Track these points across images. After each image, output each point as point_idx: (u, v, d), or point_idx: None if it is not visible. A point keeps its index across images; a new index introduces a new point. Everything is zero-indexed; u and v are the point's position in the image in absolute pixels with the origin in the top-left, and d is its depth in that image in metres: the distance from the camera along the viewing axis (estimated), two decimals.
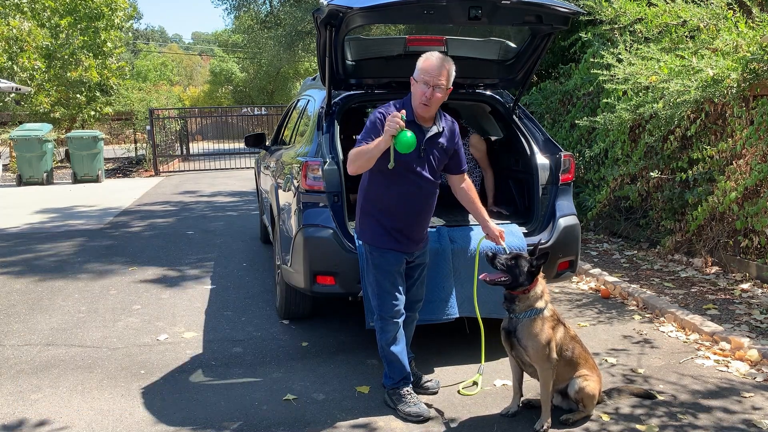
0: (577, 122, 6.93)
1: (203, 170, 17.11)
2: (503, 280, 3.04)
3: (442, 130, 3.21)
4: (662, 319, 4.58)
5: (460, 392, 3.45)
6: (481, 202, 3.45)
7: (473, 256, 3.60)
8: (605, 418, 3.14)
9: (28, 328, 4.61)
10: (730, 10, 5.52)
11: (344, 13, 3.44)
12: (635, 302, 4.95)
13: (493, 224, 3.37)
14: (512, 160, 4.71)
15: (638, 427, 3.05)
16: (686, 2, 5.71)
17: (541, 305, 3.05)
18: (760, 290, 4.97)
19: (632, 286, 5.19)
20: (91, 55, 18.82)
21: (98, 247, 7.42)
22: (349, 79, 4.40)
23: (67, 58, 18.11)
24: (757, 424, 3.07)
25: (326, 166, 3.87)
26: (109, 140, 23.49)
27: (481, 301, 3.61)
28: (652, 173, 5.85)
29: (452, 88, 3.14)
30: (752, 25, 5.18)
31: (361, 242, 3.32)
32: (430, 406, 3.26)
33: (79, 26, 18.64)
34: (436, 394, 3.43)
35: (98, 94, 19.46)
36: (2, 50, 16.94)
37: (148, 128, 16.83)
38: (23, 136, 14.05)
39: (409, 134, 2.87)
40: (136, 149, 20.35)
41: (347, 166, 3.10)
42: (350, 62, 4.31)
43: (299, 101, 5.83)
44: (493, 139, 5.25)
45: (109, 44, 19.34)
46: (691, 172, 5.45)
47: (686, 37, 5.86)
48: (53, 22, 18.39)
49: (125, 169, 17.34)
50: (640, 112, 5.73)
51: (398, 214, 3.18)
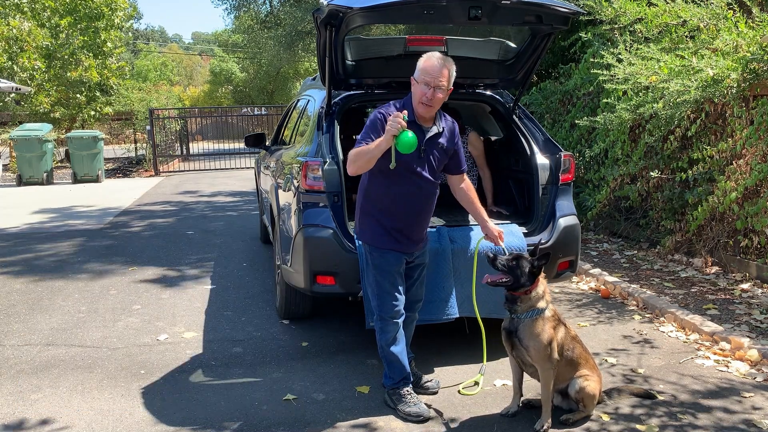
0: (577, 122, 6.93)
1: (203, 170, 17.11)
2: (504, 281, 3.04)
3: (442, 130, 3.21)
4: (662, 319, 4.58)
5: (460, 392, 3.45)
6: (479, 201, 3.45)
7: (473, 256, 3.60)
8: (605, 418, 3.14)
9: (28, 328, 4.61)
10: (730, 10, 5.52)
11: (344, 13, 3.45)
12: (635, 302, 4.95)
13: (492, 224, 3.37)
14: (512, 160, 4.71)
15: (638, 427, 3.05)
16: (686, 2, 5.71)
17: (542, 305, 3.05)
18: (760, 290, 4.97)
19: (632, 286, 5.19)
20: (91, 55, 18.83)
21: (98, 247, 7.42)
22: (349, 79, 4.40)
23: (67, 58, 18.11)
24: (757, 424, 3.07)
25: (326, 166, 3.87)
26: (109, 140, 23.50)
27: (480, 301, 3.61)
28: (652, 173, 5.85)
29: (452, 88, 3.14)
30: (752, 25, 5.18)
31: (360, 242, 3.33)
32: (429, 406, 3.26)
33: (79, 26, 18.65)
34: (436, 394, 3.43)
35: (98, 94, 19.46)
36: (2, 50, 16.95)
37: (148, 128, 16.83)
38: (23, 136, 14.05)
39: (410, 134, 2.87)
40: (136, 149, 20.35)
41: (347, 166, 3.10)
42: (350, 62, 4.31)
43: (299, 101, 5.83)
44: (493, 139, 5.26)
45: (109, 44, 19.35)
46: (691, 172, 5.45)
47: (686, 37, 5.86)
48: (53, 22, 18.40)
49: (125, 169, 17.34)
50: (640, 112, 5.73)
51: (398, 214, 3.18)
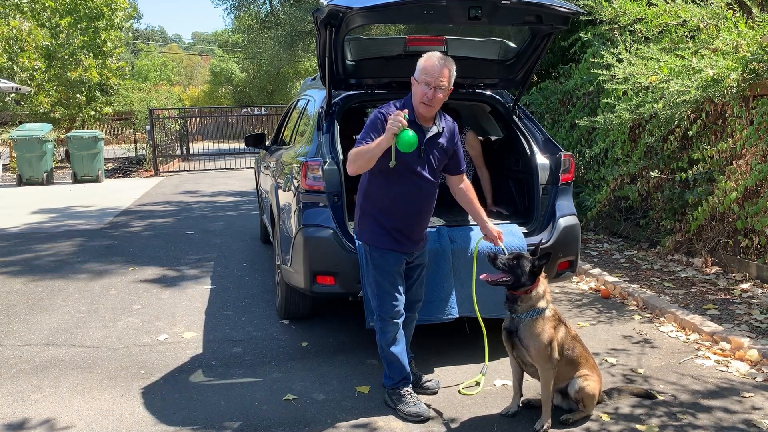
0: (577, 122, 6.93)
1: (203, 170, 17.11)
2: (505, 280, 3.04)
3: (442, 130, 3.21)
4: (662, 319, 4.58)
5: (460, 392, 3.45)
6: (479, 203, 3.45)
7: (472, 256, 3.60)
8: (605, 418, 3.14)
9: (28, 328, 4.61)
10: (730, 10, 5.52)
11: (344, 13, 3.44)
12: (635, 302, 4.95)
13: (491, 225, 3.37)
14: (512, 160, 4.71)
15: (638, 427, 3.05)
16: (686, 2, 5.71)
17: (542, 305, 3.05)
18: (760, 290, 4.97)
19: (632, 286, 5.19)
20: (91, 55, 18.83)
21: (98, 247, 7.42)
22: (349, 79, 4.40)
23: (67, 58, 18.11)
24: (757, 424, 3.07)
25: (326, 166, 3.87)
26: (109, 140, 23.50)
27: (480, 301, 3.61)
28: (652, 173, 5.85)
29: (452, 88, 3.14)
30: (752, 25, 5.18)
31: (360, 242, 3.32)
32: (429, 406, 3.26)
33: (79, 26, 18.65)
34: (436, 394, 3.43)
35: (98, 94, 19.46)
36: (2, 50, 16.95)
37: (148, 128, 16.83)
38: (23, 136, 14.05)
39: (411, 133, 2.88)
40: (136, 149, 20.35)
41: (347, 166, 3.09)
42: (350, 62, 4.31)
43: (299, 101, 5.83)
44: (493, 139, 5.26)
45: (109, 44, 19.35)
46: (691, 172, 5.45)
47: (686, 37, 5.86)
48: (53, 22, 18.40)
49: (125, 169, 17.34)
50: (640, 112, 5.73)
51: (398, 214, 3.18)
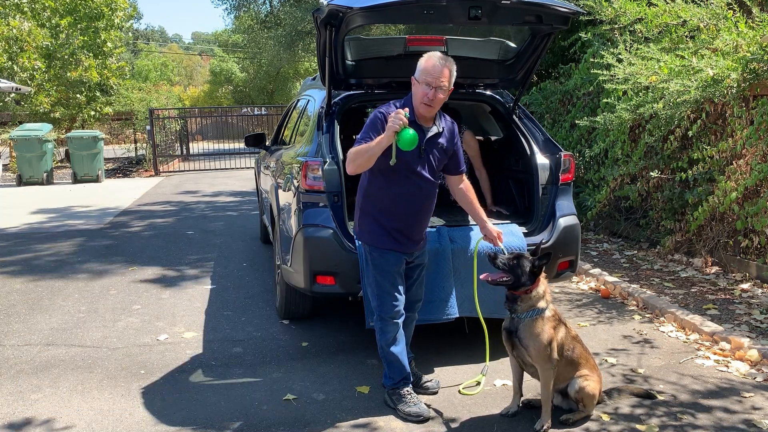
0: (577, 122, 6.93)
1: (203, 170, 17.10)
2: (505, 280, 3.04)
3: (441, 130, 3.21)
4: (662, 319, 4.58)
5: (460, 392, 3.45)
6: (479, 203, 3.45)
7: (472, 256, 3.60)
8: (605, 418, 3.14)
9: (28, 328, 4.61)
10: (730, 10, 5.52)
11: (344, 13, 3.45)
12: (635, 302, 4.95)
13: (491, 225, 3.37)
14: (512, 160, 4.71)
15: (638, 427, 3.05)
16: (686, 2, 5.71)
17: (542, 305, 3.05)
18: (760, 290, 4.97)
19: (632, 286, 5.19)
20: (91, 55, 18.82)
21: (98, 247, 7.42)
22: (349, 79, 4.40)
23: (67, 58, 18.11)
24: (757, 424, 3.07)
25: (326, 166, 3.87)
26: (109, 140, 23.49)
27: (481, 301, 3.60)
28: (652, 173, 5.85)
29: (452, 88, 3.14)
30: (752, 25, 5.18)
31: (360, 242, 3.32)
32: (429, 406, 3.26)
33: (79, 26, 18.64)
34: (436, 394, 3.43)
35: (98, 94, 19.45)
36: (2, 50, 16.94)
37: (148, 128, 16.83)
38: (23, 136, 14.05)
39: (411, 131, 2.89)
40: (136, 149, 20.34)
41: (346, 165, 3.09)
42: (350, 62, 4.31)
43: (299, 101, 5.83)
44: (493, 139, 5.26)
45: (109, 44, 19.35)
46: (691, 172, 5.45)
47: (686, 37, 5.86)
48: (53, 22, 18.39)
49: (125, 169, 17.34)
50: (640, 112, 5.73)
51: (398, 214, 3.18)
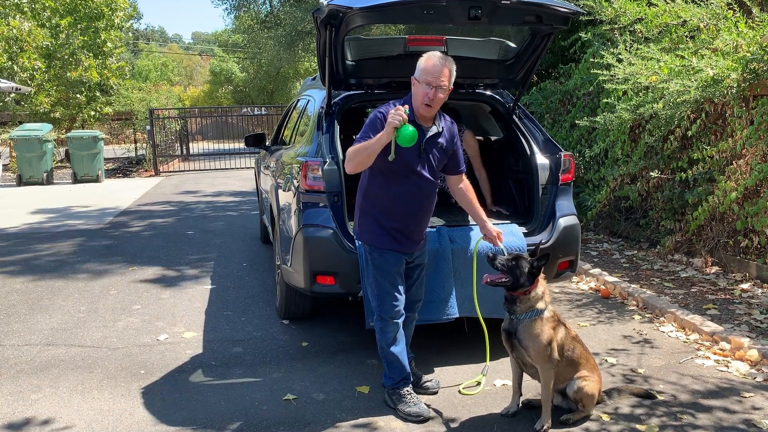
0: (577, 122, 6.93)
1: (203, 170, 17.10)
2: (504, 281, 3.04)
3: (441, 130, 3.21)
4: (662, 319, 4.58)
5: (460, 392, 3.45)
6: (479, 203, 3.45)
7: (472, 256, 3.60)
8: (605, 418, 3.14)
9: (28, 328, 4.61)
10: (730, 10, 5.52)
11: (344, 13, 3.45)
12: (635, 302, 4.95)
13: (490, 225, 3.37)
14: (512, 160, 4.71)
15: (638, 427, 3.05)
16: (686, 2, 5.71)
17: (541, 306, 3.05)
18: (760, 290, 4.97)
19: (632, 286, 5.19)
20: (91, 55, 18.82)
21: (98, 247, 7.42)
22: (349, 79, 4.40)
23: (67, 58, 18.10)
24: (757, 424, 3.07)
25: (326, 166, 3.87)
26: (109, 140, 23.49)
27: (480, 301, 3.60)
28: (652, 173, 5.85)
29: (452, 87, 3.15)
30: (752, 25, 5.18)
31: (360, 242, 3.33)
32: (429, 406, 3.26)
33: (79, 26, 18.64)
34: (436, 394, 3.43)
35: (98, 94, 19.45)
36: (2, 50, 16.94)
37: (148, 128, 16.83)
38: (23, 136, 14.05)
39: (410, 128, 2.89)
40: (136, 149, 20.34)
41: (345, 164, 3.09)
42: (350, 62, 4.31)
43: (299, 101, 5.83)
44: (493, 139, 5.26)
45: (109, 44, 19.35)
46: (691, 172, 5.45)
47: (686, 37, 5.86)
48: (53, 22, 18.39)
49: (125, 169, 17.34)
50: (640, 112, 5.73)
51: (398, 214, 3.18)
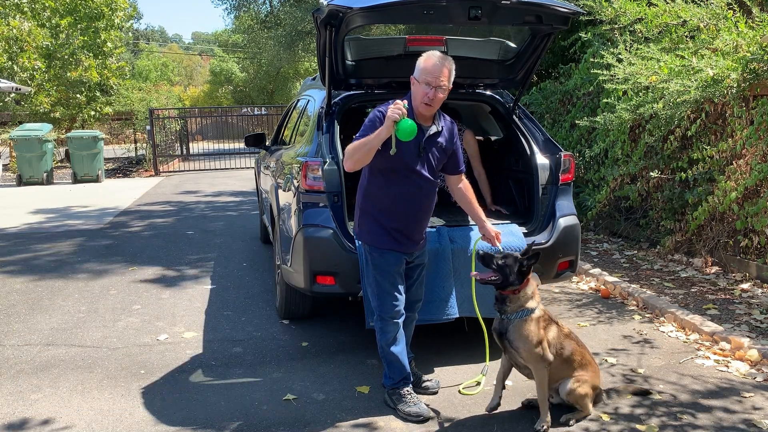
0: (577, 122, 6.93)
1: (203, 170, 17.10)
2: (494, 279, 3.05)
3: (441, 129, 3.21)
4: (662, 319, 4.58)
5: (460, 392, 3.45)
6: (479, 203, 3.45)
7: (472, 256, 3.60)
8: (605, 418, 3.14)
9: (28, 328, 4.61)
10: (730, 10, 5.52)
11: (344, 13, 3.45)
12: (635, 302, 4.95)
13: (489, 225, 3.37)
14: (512, 160, 4.71)
15: (638, 427, 3.05)
16: (686, 2, 5.71)
17: (531, 305, 3.05)
18: (760, 290, 4.97)
19: (632, 286, 5.19)
20: (91, 55, 18.82)
21: (98, 247, 7.42)
22: (349, 79, 4.40)
23: (67, 58, 18.10)
24: (757, 424, 3.07)
25: (326, 166, 3.87)
26: (109, 140, 23.49)
27: (480, 301, 3.60)
28: (652, 173, 5.85)
29: (451, 87, 3.15)
30: (752, 25, 5.18)
31: (360, 242, 3.33)
32: (429, 406, 3.26)
33: (79, 26, 18.63)
34: (436, 394, 3.43)
35: (98, 94, 19.44)
36: (2, 50, 16.93)
37: (148, 128, 16.82)
38: (23, 136, 14.04)
39: (410, 121, 2.90)
40: (136, 149, 20.34)
41: (344, 161, 3.09)
42: (350, 62, 4.31)
43: (299, 101, 5.83)
44: (493, 139, 5.26)
45: (109, 44, 19.34)
46: (691, 172, 5.45)
47: (686, 37, 5.86)
48: (53, 22, 18.38)
49: (125, 169, 17.34)
50: (640, 112, 5.73)
51: (398, 213, 3.18)
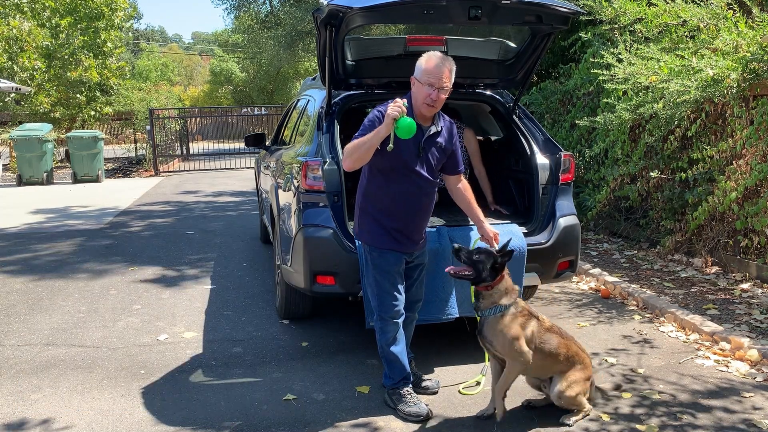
0: (577, 122, 6.93)
1: (203, 170, 17.10)
2: (467, 274, 3.06)
3: (440, 129, 3.21)
4: (662, 319, 4.58)
5: (460, 392, 3.45)
6: (479, 201, 3.46)
7: None
8: (605, 418, 3.14)
9: (28, 328, 4.61)
10: (730, 10, 5.52)
11: (344, 13, 3.45)
12: (635, 302, 4.95)
13: (487, 225, 3.37)
14: (512, 160, 4.70)
15: (638, 427, 3.05)
16: (686, 2, 5.71)
17: (505, 302, 3.06)
18: (760, 290, 4.97)
19: (632, 286, 5.19)
20: (91, 55, 18.82)
21: (98, 247, 7.42)
22: (349, 79, 4.40)
23: (67, 58, 18.10)
24: (757, 424, 3.07)
25: (326, 166, 3.87)
26: (109, 140, 23.49)
27: None
28: (652, 173, 5.85)
29: (452, 87, 3.15)
30: (752, 25, 5.18)
31: (360, 242, 3.33)
32: (428, 406, 3.26)
33: (79, 26, 18.64)
34: (436, 394, 3.43)
35: (98, 94, 19.44)
36: (2, 50, 16.93)
37: (148, 128, 16.82)
38: (23, 136, 14.04)
39: (409, 119, 2.90)
40: (136, 149, 20.34)
41: (343, 160, 3.10)
42: (350, 62, 4.31)
43: (299, 101, 5.83)
44: (493, 139, 5.26)
45: (109, 44, 19.34)
46: (691, 172, 5.45)
47: (686, 37, 5.86)
48: (53, 22, 18.38)
49: (125, 169, 17.34)
50: (640, 112, 5.73)
51: (398, 213, 3.18)
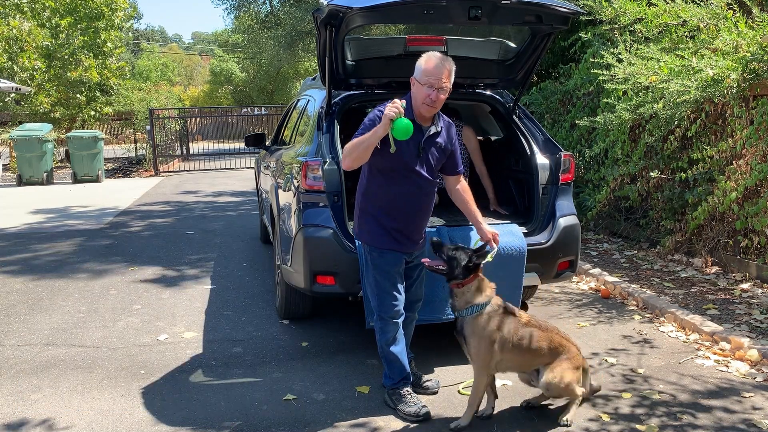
0: (577, 122, 6.93)
1: (203, 170, 17.10)
2: (440, 268, 3.08)
3: (440, 129, 3.21)
4: (662, 319, 4.58)
5: (460, 392, 3.45)
6: (480, 200, 3.46)
7: None
8: (605, 418, 3.14)
9: (28, 328, 4.61)
10: (730, 10, 5.52)
11: (344, 13, 3.45)
12: (635, 302, 4.95)
13: (486, 226, 3.37)
14: (512, 160, 4.71)
15: (638, 427, 3.05)
16: (686, 2, 5.71)
17: (481, 301, 3.05)
18: (760, 290, 4.97)
19: (632, 286, 5.19)
20: (91, 55, 18.82)
21: (98, 247, 7.42)
22: (349, 79, 4.41)
23: (67, 58, 18.10)
24: (757, 424, 3.07)
25: (326, 166, 3.87)
26: (109, 140, 23.49)
27: None
28: (652, 173, 5.85)
29: (452, 87, 3.15)
30: (752, 25, 5.18)
31: (360, 242, 3.33)
32: (428, 406, 3.26)
33: (79, 26, 18.63)
34: (436, 394, 3.44)
35: (98, 94, 19.45)
36: (2, 50, 16.93)
37: (148, 128, 16.82)
38: (23, 136, 14.04)
39: (406, 120, 2.90)
40: (136, 149, 20.34)
41: (342, 160, 3.11)
42: (350, 62, 4.31)
43: (299, 101, 5.83)
44: (493, 139, 5.26)
45: (109, 44, 19.35)
46: (691, 172, 5.45)
47: (686, 37, 5.86)
48: (53, 22, 18.38)
49: (125, 169, 17.34)
50: (640, 112, 5.73)
51: (398, 213, 3.18)
